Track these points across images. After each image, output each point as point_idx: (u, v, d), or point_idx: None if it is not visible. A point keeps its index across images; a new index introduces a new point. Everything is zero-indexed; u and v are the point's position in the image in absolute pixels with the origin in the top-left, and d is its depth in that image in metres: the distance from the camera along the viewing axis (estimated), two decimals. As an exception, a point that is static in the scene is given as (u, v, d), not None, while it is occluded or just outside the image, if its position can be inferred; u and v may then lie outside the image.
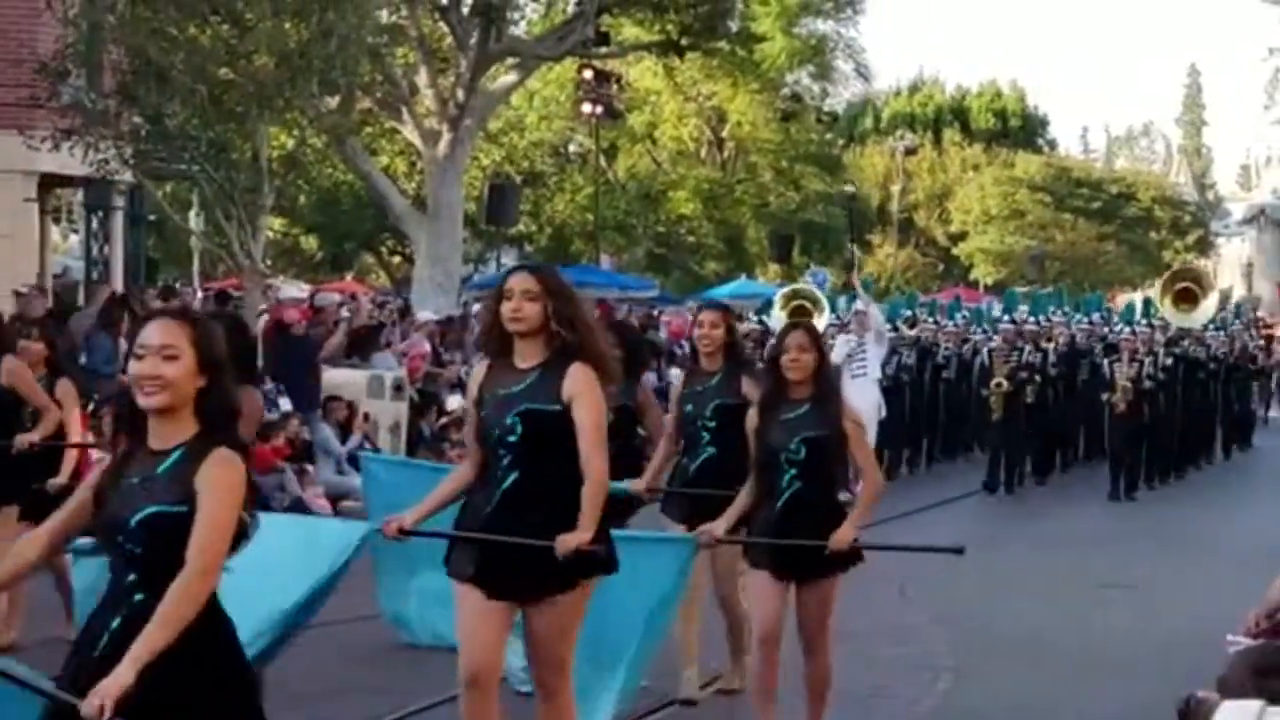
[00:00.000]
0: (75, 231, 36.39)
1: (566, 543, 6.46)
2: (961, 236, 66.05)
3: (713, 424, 9.19)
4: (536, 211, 46.52)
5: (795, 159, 55.33)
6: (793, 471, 7.98)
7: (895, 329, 23.37)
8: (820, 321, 21.14)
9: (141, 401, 4.76)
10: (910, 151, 66.06)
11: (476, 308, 27.65)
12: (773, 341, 8.97)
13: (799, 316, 21.25)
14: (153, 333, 4.81)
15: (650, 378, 13.48)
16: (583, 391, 6.64)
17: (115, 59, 20.68)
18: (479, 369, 7.03)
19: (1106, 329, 24.96)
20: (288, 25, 20.53)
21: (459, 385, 20.43)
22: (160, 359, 4.74)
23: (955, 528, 17.97)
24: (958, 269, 66.31)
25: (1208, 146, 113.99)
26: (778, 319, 21.79)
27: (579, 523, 6.53)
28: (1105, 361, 22.07)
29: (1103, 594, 13.92)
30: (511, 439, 6.65)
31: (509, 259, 44.35)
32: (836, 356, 20.12)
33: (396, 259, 46.59)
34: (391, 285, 42.71)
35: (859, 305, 21.46)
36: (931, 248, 68.07)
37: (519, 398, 6.67)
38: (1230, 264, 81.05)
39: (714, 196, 52.21)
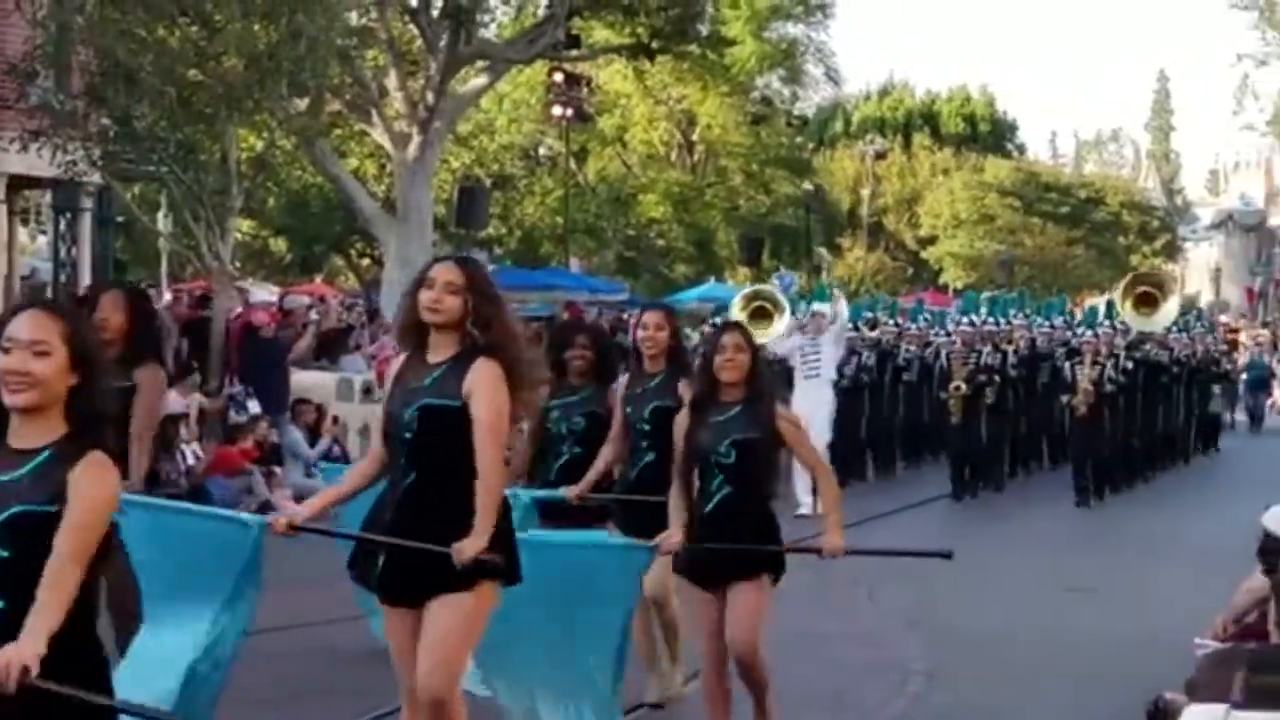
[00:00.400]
0: (43, 233, 36.20)
1: (463, 551, 6.19)
2: (931, 240, 66.21)
3: (648, 427, 8.92)
4: (506, 214, 46.50)
5: (765, 162, 55.42)
6: (721, 476, 7.76)
7: (856, 329, 23.07)
8: (781, 324, 20.89)
9: (6, 399, 4.45)
10: (880, 155, 66.24)
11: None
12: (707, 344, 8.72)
13: (759, 319, 21.07)
14: (22, 326, 4.48)
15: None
16: (482, 385, 6.31)
17: (84, 60, 20.64)
18: (396, 362, 6.76)
19: (1069, 333, 24.56)
20: (257, 27, 20.50)
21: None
22: (30, 354, 4.43)
23: (921, 531, 18.00)
24: (927, 273, 66.44)
25: (1176, 152, 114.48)
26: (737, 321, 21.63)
27: (474, 527, 6.25)
28: (1067, 364, 21.71)
29: (1070, 597, 13.95)
30: (408, 435, 6.36)
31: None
32: (788, 353, 19.99)
33: (365, 261, 46.50)
34: (360, 288, 42.62)
35: (817, 306, 21.10)
36: (901, 251, 68.21)
37: (422, 392, 6.38)
38: (1198, 269, 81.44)
39: (684, 200, 52.27)
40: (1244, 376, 35.41)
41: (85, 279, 25.85)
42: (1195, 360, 26.56)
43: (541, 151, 51.19)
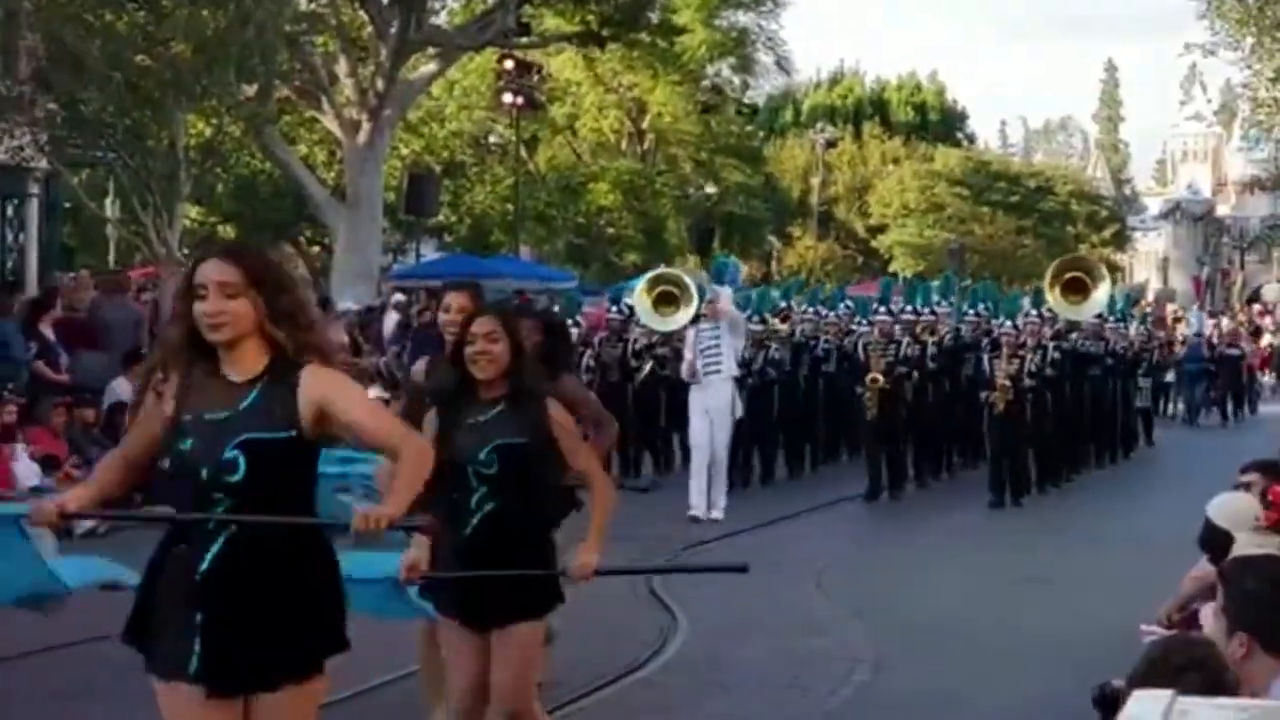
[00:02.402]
0: (-11, 219, 35.98)
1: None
2: (881, 229, 66.37)
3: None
4: (456, 202, 46.40)
5: (715, 151, 55.39)
6: (484, 489, 6.54)
7: (764, 321, 21.32)
8: (689, 310, 20.22)
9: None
10: (830, 144, 66.35)
11: (397, 297, 27.52)
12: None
13: (665, 304, 20.64)
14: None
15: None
16: (331, 385, 5.04)
17: (31, 45, 20.51)
18: (171, 381, 5.10)
19: (994, 322, 22.00)
20: (205, 12, 20.43)
21: (379, 375, 20.38)
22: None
23: (849, 527, 17.99)
24: (877, 262, 66.59)
25: (1124, 141, 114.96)
26: (641, 308, 20.86)
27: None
28: (987, 357, 20.07)
29: (1015, 587, 13.99)
30: (233, 479, 4.91)
31: (428, 249, 44.25)
32: (689, 349, 18.77)
33: (315, 249, 46.35)
34: (310, 275, 42.45)
35: (714, 288, 19.42)
36: (851, 240, 68.35)
37: (235, 424, 4.97)
38: (1146, 258, 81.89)
39: (634, 188, 52.20)
40: (1184, 368, 34.93)
41: (32, 265, 25.70)
42: (1130, 352, 25.44)
43: (492, 139, 51.04)
